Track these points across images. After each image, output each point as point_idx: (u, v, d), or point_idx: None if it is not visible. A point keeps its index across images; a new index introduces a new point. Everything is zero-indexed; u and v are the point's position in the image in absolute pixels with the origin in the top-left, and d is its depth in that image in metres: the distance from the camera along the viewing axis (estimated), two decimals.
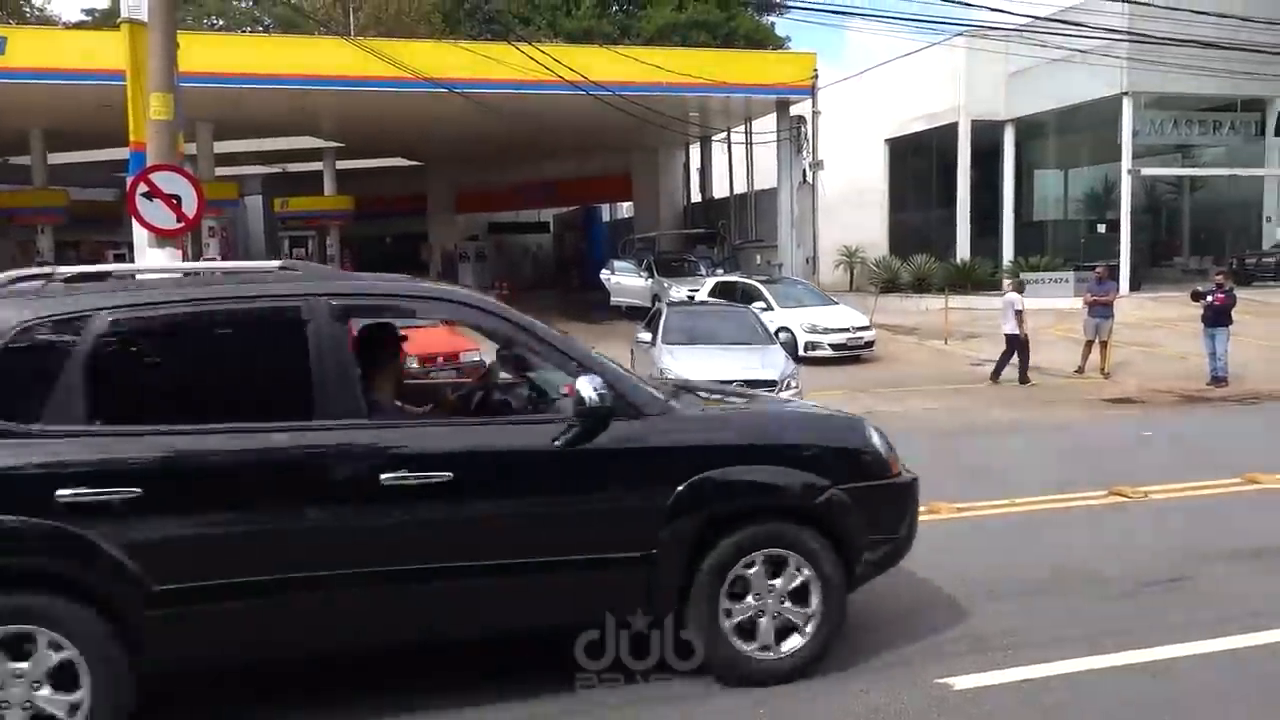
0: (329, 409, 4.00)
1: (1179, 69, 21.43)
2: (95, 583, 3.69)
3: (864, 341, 18.61)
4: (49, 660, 3.63)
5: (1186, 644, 4.86)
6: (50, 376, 3.79)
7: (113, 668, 3.69)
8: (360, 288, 4.46)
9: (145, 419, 3.92)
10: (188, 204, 10.91)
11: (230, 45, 24.20)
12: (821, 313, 18.74)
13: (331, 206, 33.14)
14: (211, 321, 4.15)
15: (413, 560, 4.01)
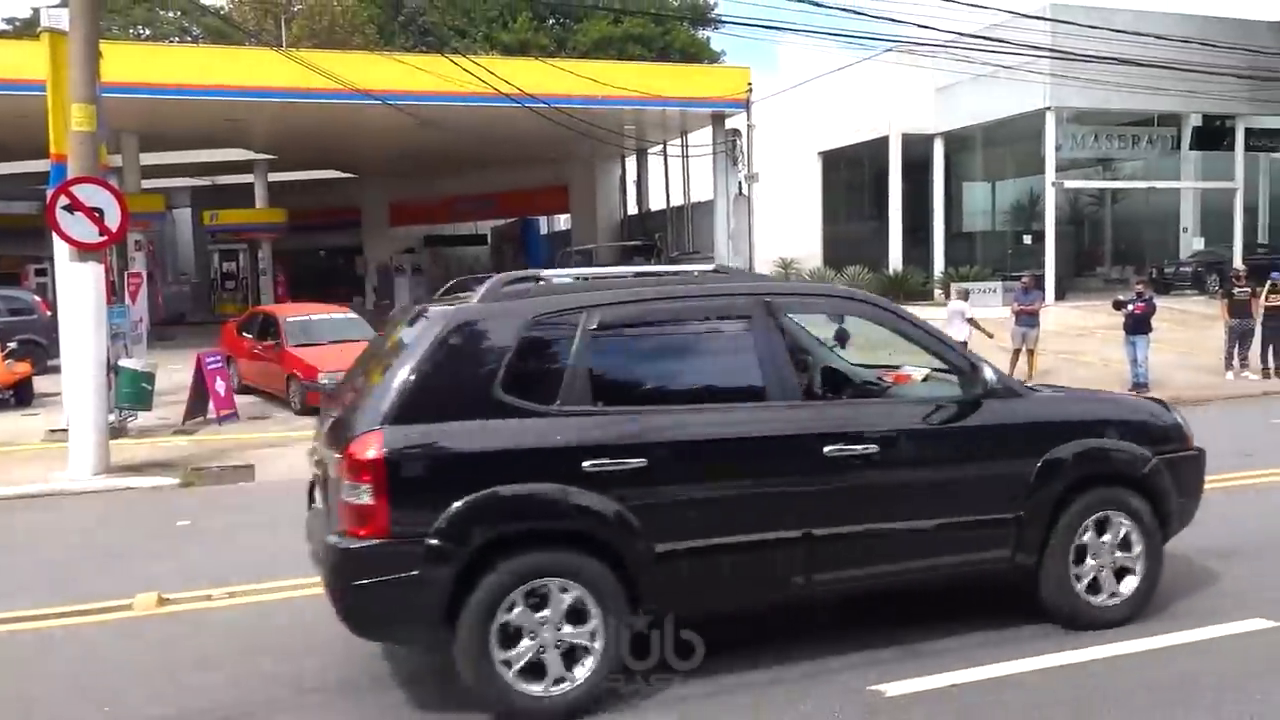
0: (775, 392, 4.65)
1: (1099, 85, 22.14)
2: (606, 539, 4.26)
3: None
4: (563, 603, 4.22)
5: (1106, 645, 5.00)
6: (558, 364, 4.41)
7: (616, 608, 4.26)
8: (784, 288, 5.66)
9: (635, 400, 4.60)
10: (111, 217, 10.65)
11: (157, 55, 23.65)
12: None
13: (263, 220, 32.51)
14: (679, 316, 4.80)
15: (849, 522, 4.65)
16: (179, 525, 8.62)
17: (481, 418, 4.26)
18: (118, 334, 12.84)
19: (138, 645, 5.49)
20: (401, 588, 4.09)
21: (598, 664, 4.26)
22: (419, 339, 4.42)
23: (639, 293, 4.82)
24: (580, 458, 4.23)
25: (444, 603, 4.11)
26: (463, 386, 4.30)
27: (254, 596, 6.26)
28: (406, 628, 4.31)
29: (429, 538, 4.07)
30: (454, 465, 4.22)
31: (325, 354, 14.57)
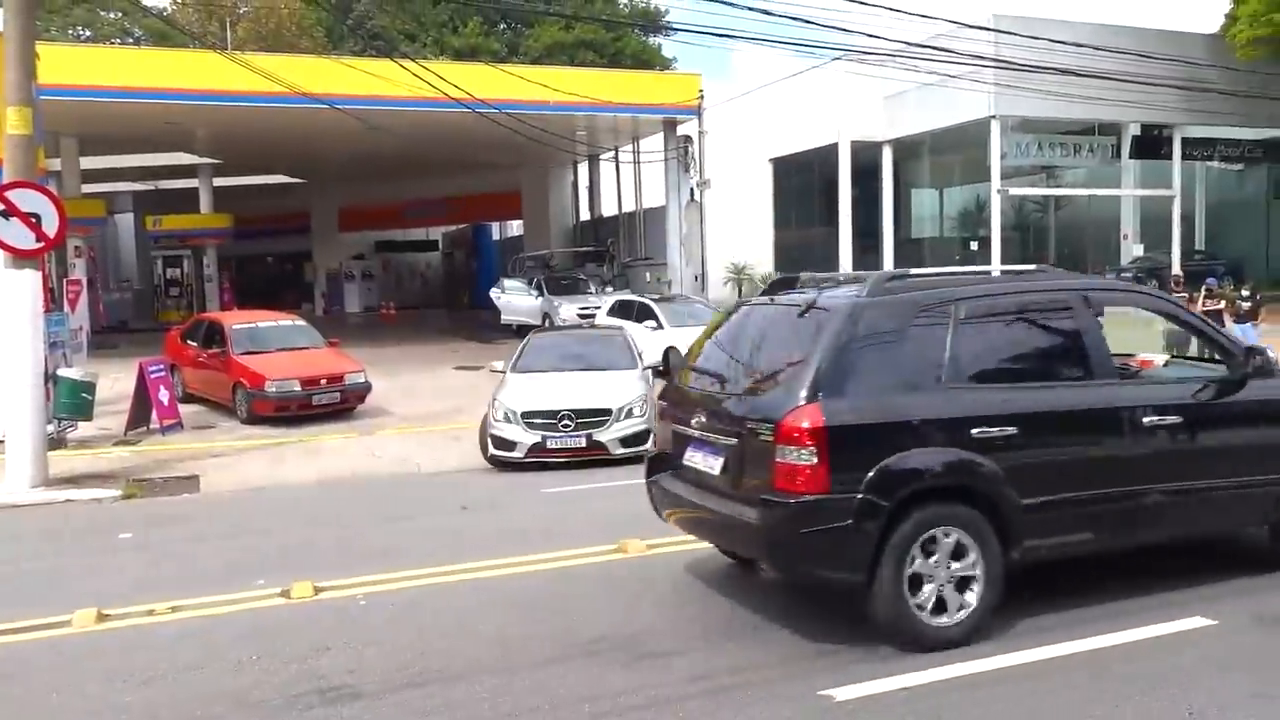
0: (1099, 371, 5.59)
1: (1042, 95, 22.58)
2: (986, 492, 5.12)
3: None
4: (948, 547, 5.07)
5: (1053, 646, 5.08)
6: (940, 347, 5.25)
7: (992, 549, 5.11)
8: (1096, 284, 6.49)
9: (998, 379, 5.46)
10: (48, 223, 10.41)
11: (97, 57, 23.13)
12: None
13: (208, 225, 31.94)
14: (1022, 307, 5.69)
15: (1162, 479, 5.52)
16: (121, 538, 8.42)
17: (888, 393, 5.16)
18: (56, 342, 12.51)
19: (76, 663, 5.34)
20: (835, 536, 4.90)
21: (983, 591, 5.12)
22: (824, 326, 5.21)
23: (992, 288, 5.88)
24: (969, 426, 5.13)
25: (870, 550, 4.91)
26: (870, 366, 5.19)
27: (200, 610, 6.13)
28: (833, 571, 5.09)
29: (860, 493, 4.89)
30: (876, 432, 5.06)
31: (273, 362, 14.36)
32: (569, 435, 10.80)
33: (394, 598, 6.33)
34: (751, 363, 5.73)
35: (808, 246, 30.11)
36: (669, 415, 6.09)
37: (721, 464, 5.39)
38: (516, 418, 10.89)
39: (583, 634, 5.44)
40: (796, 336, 5.36)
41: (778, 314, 5.75)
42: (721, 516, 5.34)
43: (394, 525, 8.77)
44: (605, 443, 10.84)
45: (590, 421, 10.89)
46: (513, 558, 7.06)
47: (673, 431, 5.94)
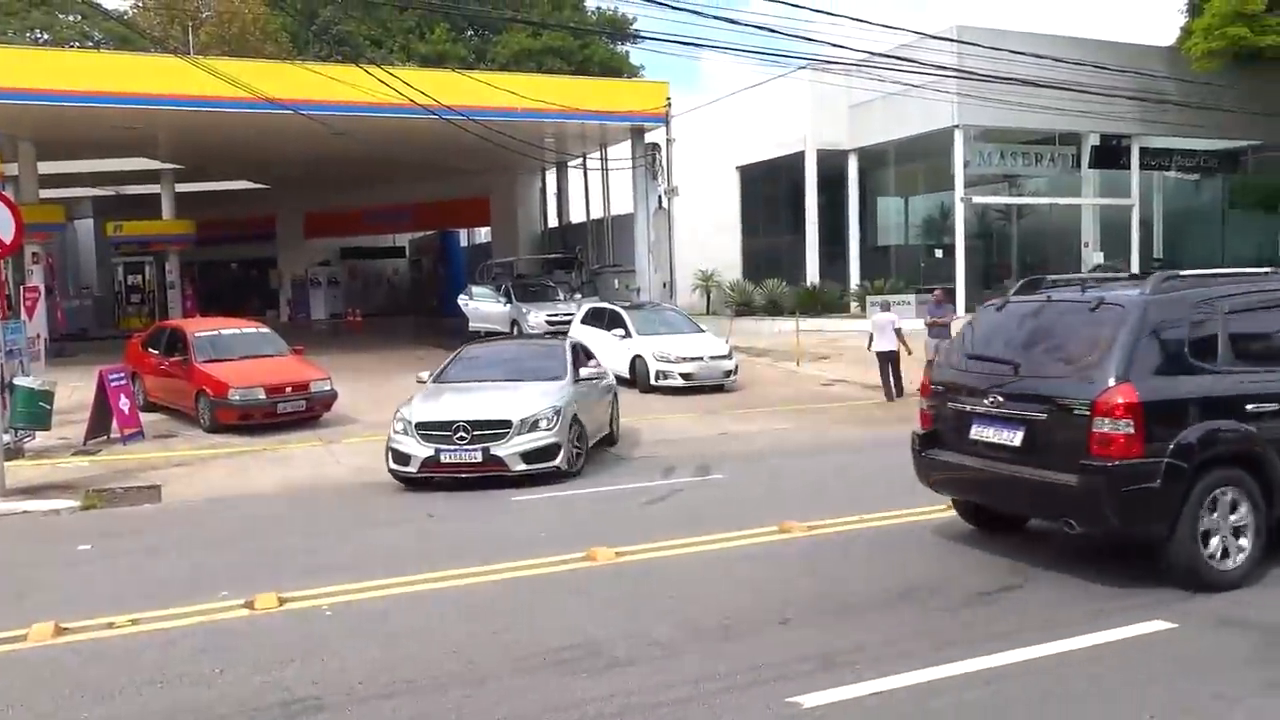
0: None
1: (1003, 105, 22.88)
2: (1256, 457, 6.15)
3: (722, 372, 17.59)
4: (1225, 505, 6.07)
5: (1018, 650, 5.12)
6: (1213, 336, 6.27)
7: (1259, 507, 6.12)
8: None
9: (1259, 361, 6.44)
10: (3, 228, 10.26)
11: (55, 61, 22.75)
12: (678, 341, 17.90)
13: (170, 231, 31.40)
14: (1273, 302, 6.71)
15: None
16: (80, 550, 8.26)
17: (1178, 374, 6.17)
18: (12, 350, 12.28)
19: (32, 677, 5.22)
20: (1146, 495, 5.87)
21: (1252, 542, 6.09)
22: (1122, 319, 6.19)
23: (1249, 286, 6.80)
24: (1244, 403, 6.15)
25: (1173, 507, 5.88)
26: (1162, 352, 6.19)
27: (161, 623, 6.03)
28: (1141, 525, 6.03)
29: (1166, 458, 5.88)
30: (1175, 406, 6.08)
31: (236, 369, 14.19)
32: (463, 449, 9.97)
33: (360, 608, 6.27)
34: (1047, 349, 6.65)
35: (775, 253, 30.25)
36: (944, 398, 7.15)
37: (1023, 436, 6.36)
38: (412, 429, 10.18)
39: (549, 643, 5.41)
40: (1092, 327, 6.35)
41: (1063, 309, 6.79)
42: (1024, 481, 6.31)
43: (360, 534, 8.68)
44: (504, 458, 10.01)
45: (487, 434, 10.06)
46: (480, 566, 7.02)
47: (952, 411, 7.01)
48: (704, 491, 10.24)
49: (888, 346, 16.72)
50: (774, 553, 7.43)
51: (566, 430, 10.52)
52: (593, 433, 11.64)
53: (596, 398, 12.12)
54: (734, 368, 17.86)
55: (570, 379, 11.48)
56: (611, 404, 12.93)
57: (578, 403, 11.05)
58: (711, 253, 30.52)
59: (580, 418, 11.00)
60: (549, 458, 10.28)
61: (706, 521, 8.33)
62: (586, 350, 13.27)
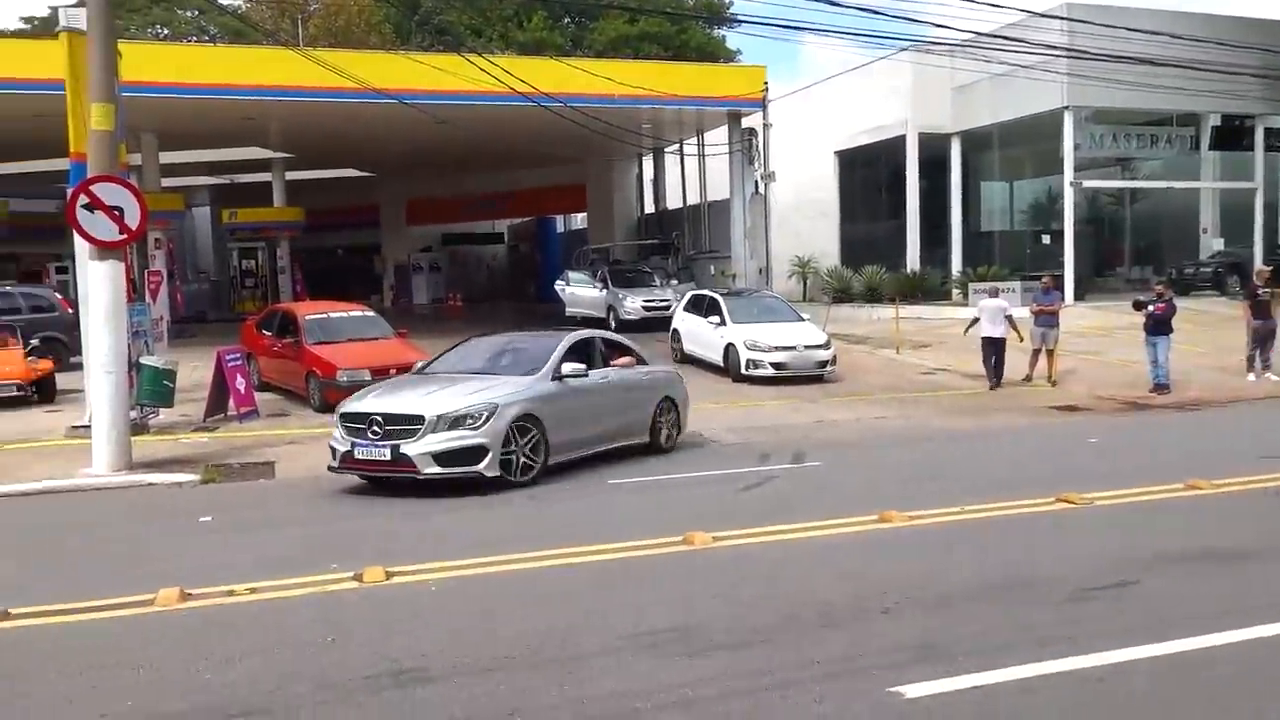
0: None
1: (1117, 84, 21.97)
2: None
3: (815, 362, 16.99)
4: None
5: (1133, 649, 4.95)
6: None
7: None
8: None
9: None
10: (130, 216, 10.74)
11: (175, 55, 23.78)
12: (772, 329, 17.38)
13: (281, 218, 32.65)
14: None
15: None
16: (201, 521, 8.68)
17: None
18: (139, 332, 12.92)
19: (158, 640, 5.52)
20: None
21: None
22: None
23: None
24: None
25: None
26: None
27: (276, 593, 6.29)
28: None
29: None
30: None
31: (344, 351, 14.66)
32: (375, 445, 9.28)
33: (463, 584, 6.43)
34: None
35: (874, 240, 29.73)
36: None
37: None
38: (338, 420, 9.76)
39: (647, 625, 5.46)
40: None
41: None
42: None
43: (462, 514, 8.89)
44: (412, 457, 9.13)
45: (398, 430, 9.25)
46: (578, 547, 7.11)
47: None
48: (800, 479, 10.17)
49: (997, 333, 16.30)
50: (873, 541, 7.34)
51: (505, 432, 9.39)
52: (600, 438, 10.59)
53: (604, 399, 10.76)
54: (830, 358, 17.35)
55: (543, 376, 10.18)
56: (658, 405, 11.42)
57: (548, 403, 9.86)
58: (808, 239, 30.17)
59: (549, 420, 9.76)
60: (472, 461, 9.22)
61: (803, 508, 8.28)
62: (612, 343, 11.98)
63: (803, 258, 29.85)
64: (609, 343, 12.00)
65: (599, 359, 11.09)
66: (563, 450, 10.09)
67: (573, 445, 10.28)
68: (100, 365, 10.66)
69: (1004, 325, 16.26)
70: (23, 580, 6.88)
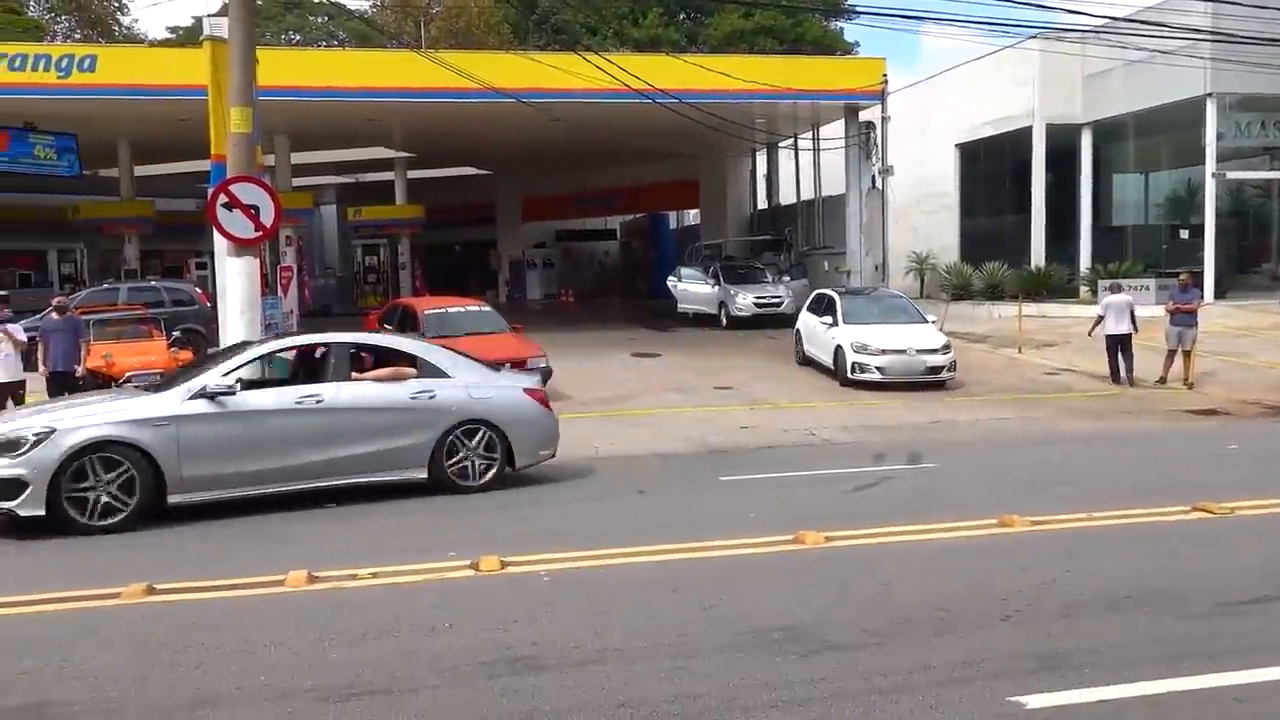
0: None
1: (1266, 69, 20.66)
2: None
3: (926, 367, 15.95)
4: None
5: (1272, 668, 4.67)
6: None
7: None
8: None
9: None
10: (265, 214, 11.24)
11: (306, 60, 24.81)
12: (883, 331, 16.50)
13: (402, 215, 33.71)
14: None
15: None
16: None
17: None
18: (271, 324, 13.53)
19: (288, 619, 5.77)
20: None
21: None
22: None
23: None
24: None
25: None
26: None
27: (396, 578, 6.49)
28: None
29: None
30: None
31: (462, 345, 14.90)
32: None
33: (575, 576, 6.52)
34: None
35: (995, 235, 28.76)
36: None
37: None
38: None
39: (758, 622, 5.43)
40: None
41: None
42: None
43: (575, 506, 9.01)
44: None
45: None
46: (690, 543, 7.12)
47: None
48: (916, 480, 9.94)
49: (1123, 330, 15.77)
50: (993, 546, 7.12)
51: (57, 465, 7.80)
52: (299, 472, 8.67)
53: (311, 422, 8.75)
54: (948, 363, 16.09)
55: (175, 395, 8.47)
56: (453, 433, 9.19)
57: (166, 429, 8.15)
58: (926, 235, 29.40)
59: (163, 449, 8.08)
60: (5, 496, 7.81)
61: (919, 510, 8.10)
62: (387, 351, 9.85)
63: (920, 254, 29.11)
64: (379, 350, 9.96)
65: (337, 370, 9.14)
66: (203, 487, 8.32)
67: (236, 480, 8.45)
68: None
69: (1127, 320, 15.79)
70: (169, 559, 7.31)
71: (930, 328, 17.05)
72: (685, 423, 13.36)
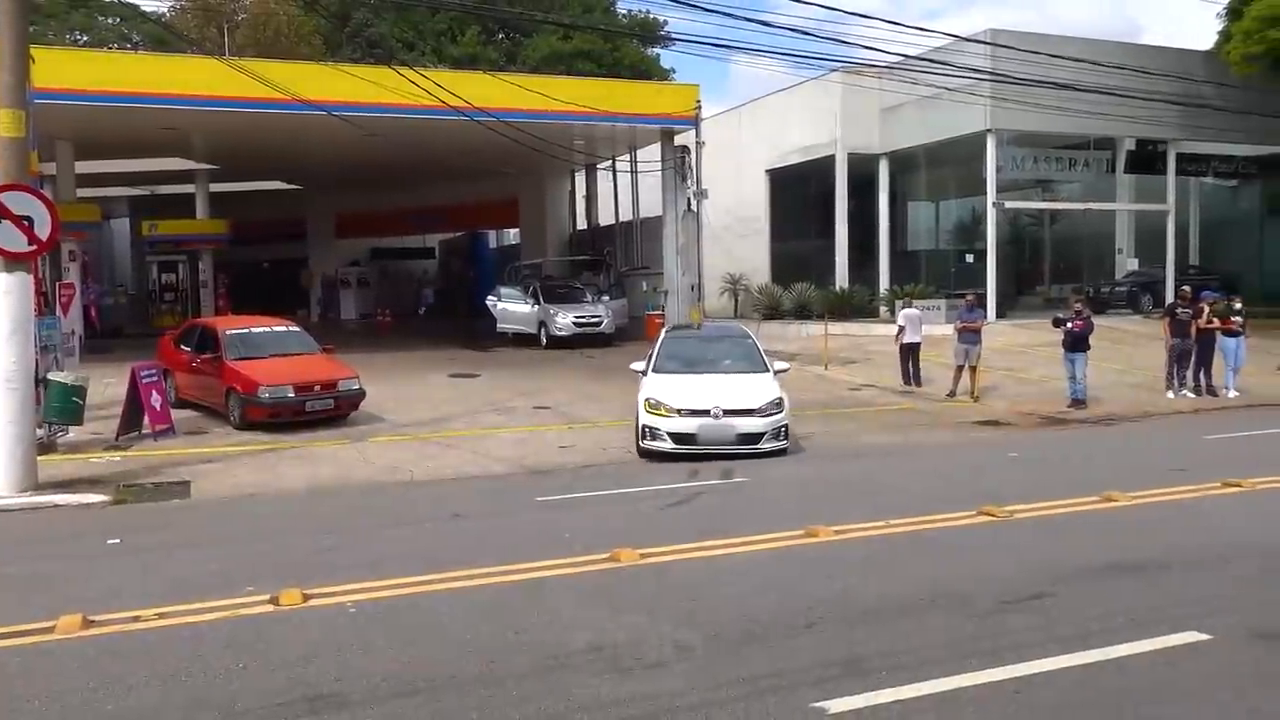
0: None
1: (1038, 108, 22.63)
2: None
3: (738, 435, 11.84)
4: None
5: (1047, 660, 5.03)
6: None
7: None
8: None
9: None
10: (40, 226, 10.36)
11: (94, 61, 23.06)
12: (697, 383, 12.52)
13: (204, 230, 31.83)
14: None
15: None
16: (109, 543, 8.33)
17: None
18: (48, 346, 12.44)
19: (58, 668, 5.26)
20: None
21: None
22: None
23: None
24: None
25: None
26: None
27: (187, 618, 6.05)
28: None
29: None
30: None
31: (266, 367, 14.29)
32: None
33: (383, 605, 6.27)
34: None
35: (804, 257, 30.10)
36: None
37: None
38: None
39: (571, 644, 5.38)
40: None
41: None
42: None
43: (385, 532, 8.70)
44: None
45: None
46: (498, 566, 7.00)
47: None
48: (729, 494, 10.18)
49: (918, 339, 17.95)
50: (799, 556, 7.36)
51: None
52: None
53: None
54: (770, 428, 12.01)
55: None
56: None
57: None
58: (740, 256, 30.42)
59: None
60: None
61: (730, 524, 8.29)
62: None
63: (735, 275, 30.08)
64: None
65: None
66: None
67: None
68: (4, 380, 10.20)
69: (916, 331, 17.90)
70: None
71: (767, 379, 12.93)
72: (504, 443, 13.20)
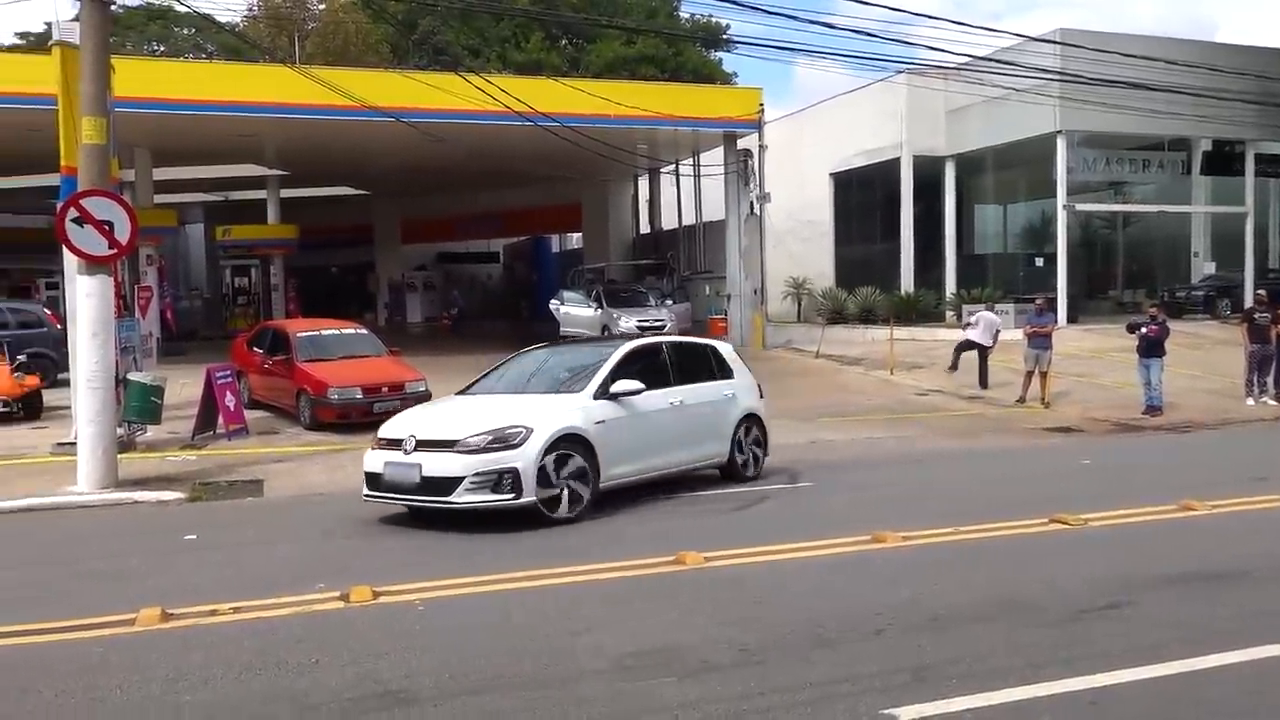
0: None
1: (1110, 109, 22.11)
2: None
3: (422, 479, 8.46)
4: None
5: (1125, 670, 4.88)
6: None
7: None
8: None
9: None
10: (120, 230, 10.68)
11: (170, 70, 23.81)
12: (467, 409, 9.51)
13: (275, 235, 32.63)
14: None
15: None
16: (185, 540, 8.57)
17: None
18: (127, 347, 12.83)
19: (138, 660, 5.42)
20: None
21: None
22: None
23: None
24: None
25: None
26: None
27: (261, 612, 6.19)
28: None
29: None
30: None
31: (336, 369, 14.58)
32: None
33: (451, 604, 6.34)
34: None
35: (868, 261, 29.81)
36: None
37: None
38: None
39: (633, 646, 5.38)
40: None
41: None
42: None
43: (450, 532, 8.79)
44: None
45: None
46: (567, 567, 7.03)
47: None
48: (794, 498, 10.10)
49: (989, 343, 18.07)
50: (866, 561, 7.27)
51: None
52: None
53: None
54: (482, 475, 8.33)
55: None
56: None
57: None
58: (803, 260, 30.23)
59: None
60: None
61: (795, 529, 8.22)
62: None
63: (798, 279, 29.88)
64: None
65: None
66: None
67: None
68: (86, 381, 10.56)
69: (989, 334, 17.99)
70: (3, 599, 6.77)
71: (576, 400, 9.06)
72: None
